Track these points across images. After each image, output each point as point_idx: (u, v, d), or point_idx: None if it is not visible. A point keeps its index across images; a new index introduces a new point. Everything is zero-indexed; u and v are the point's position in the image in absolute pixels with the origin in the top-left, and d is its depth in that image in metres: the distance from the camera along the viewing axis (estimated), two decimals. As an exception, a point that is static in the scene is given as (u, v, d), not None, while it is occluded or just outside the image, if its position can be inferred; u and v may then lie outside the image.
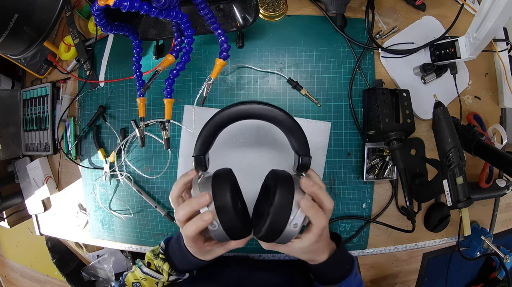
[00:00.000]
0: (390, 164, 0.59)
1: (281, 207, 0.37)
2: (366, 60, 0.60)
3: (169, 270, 0.46)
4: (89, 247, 0.93)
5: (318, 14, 0.59)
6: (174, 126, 0.61)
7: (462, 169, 0.46)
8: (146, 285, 0.47)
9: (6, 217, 0.82)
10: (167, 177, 0.62)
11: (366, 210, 0.61)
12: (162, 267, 0.46)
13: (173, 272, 0.46)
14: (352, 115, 0.59)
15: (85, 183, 0.69)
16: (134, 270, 0.49)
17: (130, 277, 0.49)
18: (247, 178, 0.49)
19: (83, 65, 0.65)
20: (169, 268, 0.46)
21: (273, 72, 0.58)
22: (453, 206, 0.47)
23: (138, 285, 0.48)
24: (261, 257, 0.62)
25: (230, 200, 0.37)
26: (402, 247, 0.63)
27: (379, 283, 0.95)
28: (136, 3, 0.35)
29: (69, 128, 0.67)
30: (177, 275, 0.47)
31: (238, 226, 0.37)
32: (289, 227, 0.36)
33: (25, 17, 0.48)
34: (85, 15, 0.67)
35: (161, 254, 0.48)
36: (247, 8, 0.51)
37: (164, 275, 0.46)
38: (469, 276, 0.90)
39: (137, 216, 0.65)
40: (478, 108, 0.65)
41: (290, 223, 0.36)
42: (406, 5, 0.62)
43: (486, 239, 0.63)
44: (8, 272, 1.41)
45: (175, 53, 0.50)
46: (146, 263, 0.48)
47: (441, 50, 0.55)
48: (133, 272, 0.49)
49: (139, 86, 0.52)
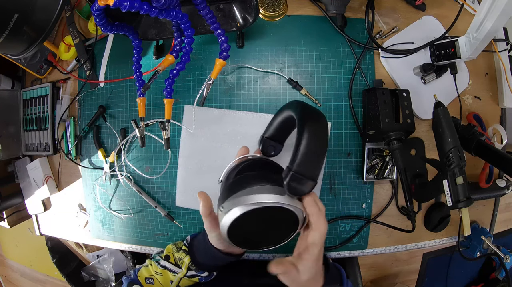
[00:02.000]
0: (390, 164, 0.59)
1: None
2: (366, 60, 0.60)
3: (190, 263, 0.45)
4: (89, 247, 0.93)
5: (318, 14, 0.59)
6: (174, 126, 0.61)
7: (462, 169, 0.46)
8: (160, 281, 0.47)
9: (6, 217, 0.82)
10: (167, 177, 0.62)
11: (366, 210, 0.61)
12: (183, 259, 0.46)
13: (193, 266, 0.46)
14: (352, 115, 0.59)
15: (85, 183, 0.69)
16: (149, 264, 0.49)
17: (144, 272, 0.48)
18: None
19: (83, 65, 0.65)
20: (190, 261, 0.45)
21: (273, 72, 0.58)
22: (453, 206, 0.47)
23: (151, 281, 0.47)
24: (261, 257, 0.62)
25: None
26: (402, 247, 0.63)
27: (379, 283, 0.95)
28: (136, 3, 0.35)
29: (69, 128, 0.67)
30: (196, 271, 0.46)
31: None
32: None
33: (25, 17, 0.48)
34: (85, 15, 0.67)
35: (185, 246, 0.47)
36: (247, 8, 0.51)
37: (183, 269, 0.46)
38: (469, 276, 0.90)
39: (137, 216, 0.65)
40: (478, 108, 0.65)
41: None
42: (406, 5, 0.62)
43: (486, 239, 0.63)
44: (8, 272, 1.41)
45: (175, 53, 0.50)
46: (164, 256, 0.48)
47: (441, 50, 0.55)
48: (147, 267, 0.49)
49: (139, 86, 0.52)
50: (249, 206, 0.32)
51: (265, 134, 0.45)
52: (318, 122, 0.34)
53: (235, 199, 0.34)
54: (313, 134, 0.33)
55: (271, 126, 0.44)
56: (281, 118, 0.42)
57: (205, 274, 0.47)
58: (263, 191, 0.33)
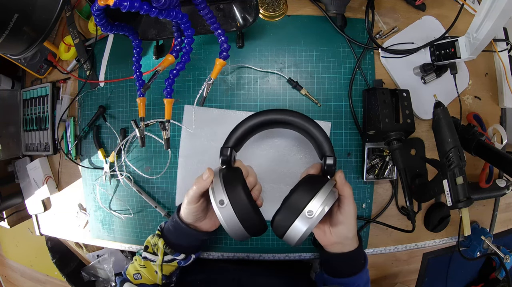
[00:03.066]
0: (390, 164, 0.59)
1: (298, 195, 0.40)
2: (366, 60, 0.60)
3: (164, 246, 0.46)
4: (89, 247, 0.93)
5: (318, 14, 0.59)
6: (174, 126, 0.61)
7: (462, 169, 0.46)
8: (146, 274, 0.48)
9: (6, 217, 0.82)
10: (167, 177, 0.62)
11: (366, 210, 0.61)
12: (158, 245, 0.47)
13: (168, 248, 0.47)
14: (352, 115, 0.59)
15: (85, 183, 0.69)
16: (135, 260, 0.50)
17: (131, 269, 0.49)
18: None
19: (83, 65, 0.65)
20: (163, 244, 0.47)
21: (273, 72, 0.58)
22: (453, 206, 0.47)
23: (138, 276, 0.48)
24: (261, 258, 0.62)
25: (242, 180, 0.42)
26: (402, 247, 0.63)
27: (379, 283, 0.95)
28: (136, 3, 0.35)
29: (69, 128, 0.67)
30: (172, 253, 0.47)
31: (246, 202, 0.39)
32: (303, 213, 0.38)
33: (25, 17, 0.48)
34: (85, 15, 0.67)
35: (158, 231, 0.49)
36: (247, 8, 0.51)
37: (159, 255, 0.47)
38: (469, 276, 0.90)
39: (137, 216, 0.65)
40: (478, 108, 0.65)
41: (306, 209, 0.38)
42: (406, 5, 0.62)
43: (486, 239, 0.63)
44: (8, 272, 1.41)
45: (175, 53, 0.50)
46: (144, 247, 0.49)
47: (441, 50, 0.55)
48: (133, 263, 0.50)
49: (139, 86, 0.52)
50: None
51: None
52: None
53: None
54: (316, 124, 0.45)
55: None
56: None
57: (182, 256, 0.48)
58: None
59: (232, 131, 0.46)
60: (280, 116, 0.46)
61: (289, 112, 0.46)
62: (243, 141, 0.48)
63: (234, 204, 0.39)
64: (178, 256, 0.48)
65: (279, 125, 0.47)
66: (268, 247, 0.61)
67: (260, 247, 0.61)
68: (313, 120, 0.46)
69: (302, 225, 0.38)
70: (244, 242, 0.61)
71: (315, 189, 0.39)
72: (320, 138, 0.45)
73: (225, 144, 0.46)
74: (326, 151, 0.44)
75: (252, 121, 0.46)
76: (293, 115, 0.46)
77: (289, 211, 0.39)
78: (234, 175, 0.42)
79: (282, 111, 0.46)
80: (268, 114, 0.46)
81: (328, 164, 0.43)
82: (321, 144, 0.45)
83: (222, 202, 0.39)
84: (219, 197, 0.39)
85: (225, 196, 0.39)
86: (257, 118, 0.46)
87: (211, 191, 0.41)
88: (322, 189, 0.40)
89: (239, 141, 0.46)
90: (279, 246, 0.61)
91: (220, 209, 0.39)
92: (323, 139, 0.44)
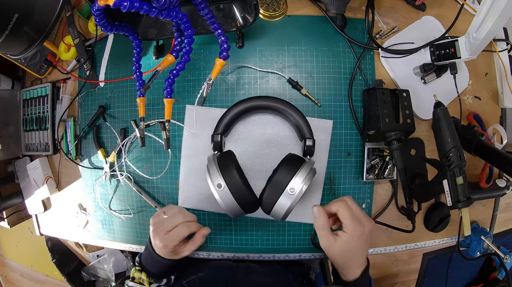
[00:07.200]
0: (390, 164, 0.59)
1: (281, 174, 0.44)
2: (366, 60, 0.60)
3: (148, 278, 0.50)
4: (89, 247, 0.93)
5: (318, 14, 0.59)
6: (174, 126, 0.61)
7: (462, 169, 0.46)
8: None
9: (6, 217, 0.82)
10: (167, 177, 0.62)
11: (366, 210, 0.61)
12: (142, 277, 0.50)
13: (151, 279, 0.50)
14: (352, 115, 0.59)
15: (85, 183, 0.69)
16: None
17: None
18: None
19: (83, 65, 0.65)
20: (146, 276, 0.50)
21: (273, 72, 0.58)
22: (453, 206, 0.47)
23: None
24: (261, 258, 0.62)
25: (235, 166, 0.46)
26: (402, 247, 0.63)
27: (379, 283, 0.95)
28: (136, 3, 0.35)
29: (69, 128, 0.67)
30: (156, 281, 0.50)
31: (241, 184, 0.44)
32: (286, 190, 0.43)
33: (25, 17, 0.48)
34: (85, 15, 0.67)
35: (138, 266, 0.51)
36: (247, 8, 0.51)
37: (145, 285, 0.50)
38: (469, 276, 0.90)
39: (137, 216, 0.65)
40: (478, 108, 0.65)
41: (288, 187, 0.43)
42: (406, 5, 0.62)
43: (486, 239, 0.63)
44: (8, 272, 1.41)
45: (175, 53, 0.50)
46: (131, 278, 0.51)
47: (441, 50, 0.55)
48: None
49: (139, 86, 0.52)
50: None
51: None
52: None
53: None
54: (296, 109, 0.51)
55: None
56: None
57: (164, 281, 0.52)
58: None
59: (220, 119, 0.51)
60: (264, 103, 0.51)
61: (272, 99, 0.51)
62: (230, 127, 0.53)
63: (231, 186, 0.43)
64: (162, 282, 0.51)
65: (263, 110, 0.53)
66: (268, 247, 0.61)
67: (260, 247, 0.61)
68: (294, 106, 0.51)
69: (286, 201, 0.43)
70: (244, 242, 0.61)
71: (296, 168, 0.44)
72: (300, 122, 0.50)
73: (214, 131, 0.51)
74: (306, 134, 0.50)
75: (238, 108, 0.51)
76: (276, 102, 0.51)
77: (274, 189, 0.44)
78: (227, 159, 0.47)
79: (266, 98, 0.52)
80: (253, 101, 0.51)
81: (307, 145, 0.50)
82: (301, 127, 0.50)
83: (220, 185, 0.44)
84: (216, 181, 0.44)
85: (221, 180, 0.44)
86: (242, 105, 0.51)
87: (208, 177, 0.45)
88: (302, 168, 0.44)
89: (227, 127, 0.52)
90: (279, 246, 0.61)
91: (219, 192, 0.44)
92: (303, 123, 0.50)
